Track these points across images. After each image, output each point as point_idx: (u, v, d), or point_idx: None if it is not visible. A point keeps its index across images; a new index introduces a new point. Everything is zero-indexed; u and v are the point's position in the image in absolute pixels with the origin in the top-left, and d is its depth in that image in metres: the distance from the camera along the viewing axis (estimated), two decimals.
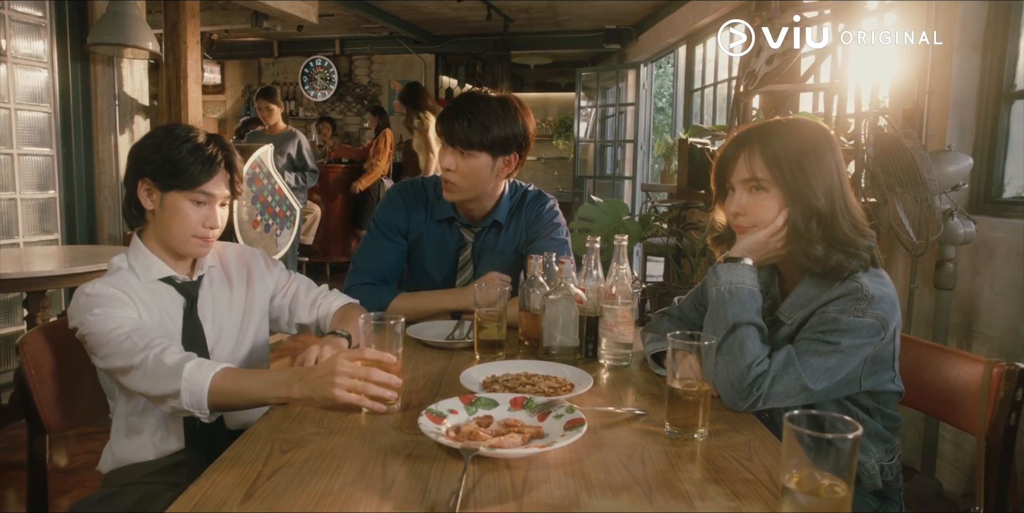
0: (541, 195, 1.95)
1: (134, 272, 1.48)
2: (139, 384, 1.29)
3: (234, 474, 0.93)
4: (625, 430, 1.12)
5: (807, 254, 1.23)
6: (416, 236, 1.85)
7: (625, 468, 0.97)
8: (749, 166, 1.27)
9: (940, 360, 1.45)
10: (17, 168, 3.47)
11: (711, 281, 1.28)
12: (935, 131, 2.77)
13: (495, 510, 0.85)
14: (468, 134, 1.66)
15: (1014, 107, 2.60)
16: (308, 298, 1.69)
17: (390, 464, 0.98)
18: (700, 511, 0.86)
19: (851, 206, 1.26)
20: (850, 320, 1.18)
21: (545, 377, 1.32)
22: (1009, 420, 1.29)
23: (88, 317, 1.34)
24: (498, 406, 1.14)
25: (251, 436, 1.07)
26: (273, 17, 5.76)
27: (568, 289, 1.47)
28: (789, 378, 1.17)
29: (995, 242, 2.43)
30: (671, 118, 7.49)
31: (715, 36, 5.77)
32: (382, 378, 1.15)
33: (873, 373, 1.28)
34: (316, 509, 0.84)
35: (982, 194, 2.67)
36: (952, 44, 2.68)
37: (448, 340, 1.62)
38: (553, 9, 7.10)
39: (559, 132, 10.21)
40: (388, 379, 1.16)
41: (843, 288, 1.22)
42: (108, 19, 3.39)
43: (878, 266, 1.28)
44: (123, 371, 1.31)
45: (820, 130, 1.28)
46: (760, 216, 1.26)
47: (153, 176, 1.43)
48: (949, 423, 1.43)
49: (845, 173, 1.28)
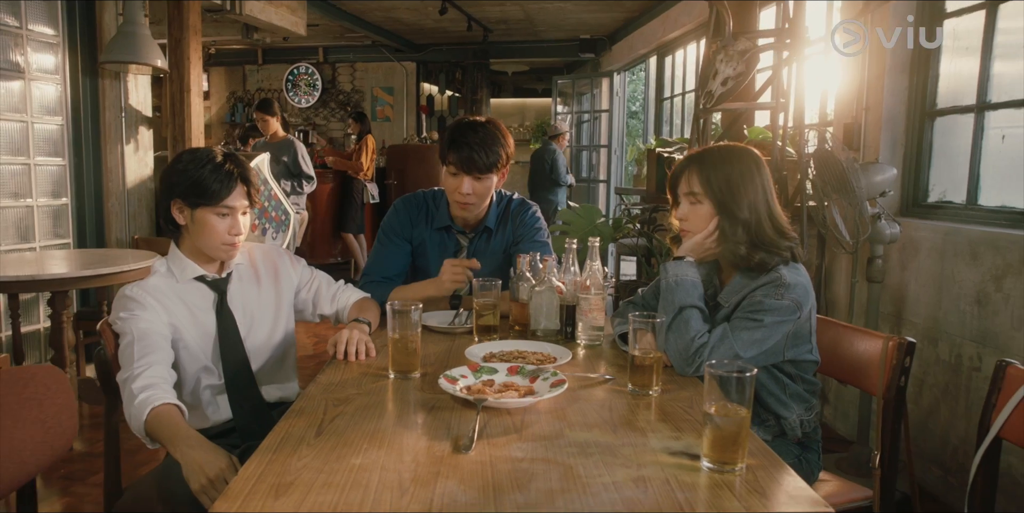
0: (524, 202, 2.26)
1: (172, 274, 1.76)
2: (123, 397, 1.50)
3: (303, 420, 1.24)
4: (597, 390, 1.44)
5: (734, 253, 1.57)
6: (419, 242, 2.16)
7: (596, 413, 1.30)
8: (689, 183, 1.61)
9: (852, 337, 1.80)
10: (34, 177, 3.72)
11: (662, 274, 1.62)
12: (871, 143, 3.13)
13: (502, 440, 1.16)
14: (485, 162, 1.97)
15: (936, 123, 2.97)
16: (329, 292, 1.99)
17: (419, 413, 1.30)
18: (650, 439, 1.18)
19: (775, 215, 1.60)
20: (772, 302, 1.52)
21: (533, 353, 1.63)
22: (900, 382, 1.63)
23: (116, 318, 1.63)
24: (498, 373, 1.45)
25: (307, 397, 1.37)
26: (263, 30, 6.02)
27: (550, 282, 1.79)
28: (724, 348, 1.50)
29: (919, 241, 2.80)
30: (644, 123, 7.86)
31: (683, 48, 6.14)
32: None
33: (794, 345, 1.61)
34: (370, 442, 1.15)
35: (910, 199, 3.04)
36: (884, 67, 3.05)
37: (450, 326, 1.93)
38: (530, 20, 7.43)
39: (536, 137, 10.53)
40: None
41: (767, 278, 1.55)
42: (120, 39, 3.66)
43: (797, 261, 1.62)
44: (119, 377, 1.54)
45: (749, 155, 1.62)
46: (697, 223, 1.60)
47: (183, 196, 1.70)
48: (856, 386, 1.78)
49: (770, 188, 1.61)
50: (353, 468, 1.04)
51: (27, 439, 1.28)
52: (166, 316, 1.68)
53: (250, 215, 1.82)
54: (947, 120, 2.93)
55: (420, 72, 9.13)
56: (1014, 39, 2.59)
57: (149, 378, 1.51)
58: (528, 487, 0.99)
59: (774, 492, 1.00)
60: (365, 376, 1.51)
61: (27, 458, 1.28)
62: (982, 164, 2.72)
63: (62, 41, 3.83)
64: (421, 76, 9.16)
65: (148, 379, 1.50)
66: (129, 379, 1.51)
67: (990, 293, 2.42)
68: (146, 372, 1.52)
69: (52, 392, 1.36)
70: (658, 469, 1.06)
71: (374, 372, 1.54)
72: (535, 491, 0.98)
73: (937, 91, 2.96)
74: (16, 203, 3.64)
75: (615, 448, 1.13)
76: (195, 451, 1.34)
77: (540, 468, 1.05)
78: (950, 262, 2.61)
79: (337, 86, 9.22)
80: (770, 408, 1.65)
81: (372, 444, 1.14)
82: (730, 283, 1.64)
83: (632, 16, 6.94)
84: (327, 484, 0.99)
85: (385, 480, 1.00)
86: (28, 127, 3.67)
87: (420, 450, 1.12)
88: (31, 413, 1.31)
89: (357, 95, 9.18)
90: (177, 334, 1.69)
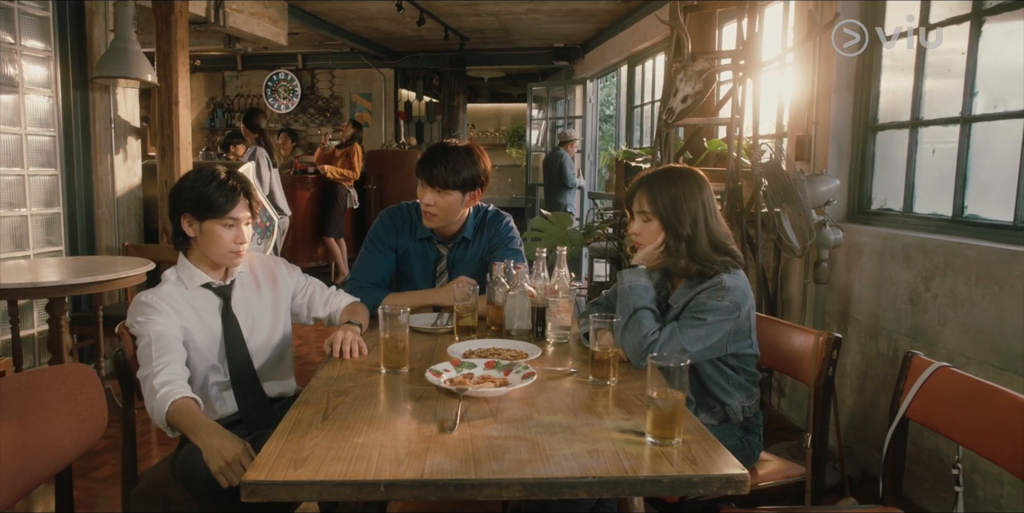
0: (499, 214, 2.47)
1: (181, 282, 1.96)
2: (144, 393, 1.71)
3: (310, 409, 1.44)
4: (562, 381, 1.66)
5: (675, 265, 1.81)
6: (403, 251, 2.36)
7: (561, 400, 1.51)
8: (640, 203, 1.84)
9: (789, 333, 2.04)
10: (27, 187, 3.86)
11: (619, 280, 1.84)
12: (820, 154, 3.39)
13: (480, 422, 1.38)
14: (444, 178, 2.18)
15: (878, 137, 3.23)
16: (323, 297, 2.19)
17: (409, 401, 1.51)
18: (605, 420, 1.40)
19: (713, 232, 1.83)
20: (713, 303, 1.75)
21: (507, 349, 1.85)
22: (828, 372, 1.87)
23: (134, 322, 1.82)
24: (476, 367, 1.67)
25: (311, 389, 1.57)
26: (245, 40, 6.17)
27: (523, 287, 2.01)
28: (672, 344, 1.72)
29: (862, 245, 3.05)
30: (616, 128, 8.11)
31: (652, 59, 6.39)
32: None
33: (735, 341, 1.84)
34: (369, 425, 1.36)
35: (855, 206, 3.31)
36: (831, 84, 3.31)
37: (433, 327, 2.14)
38: (505, 30, 7.65)
39: (512, 141, 10.75)
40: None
41: (710, 282, 1.79)
42: (112, 54, 3.81)
43: (738, 269, 1.85)
44: (140, 375, 1.74)
45: (692, 176, 1.85)
46: (648, 237, 1.83)
47: (192, 211, 1.90)
48: (793, 376, 2.01)
49: (712, 205, 1.85)
50: (356, 445, 1.25)
51: (65, 429, 1.47)
52: (178, 320, 1.87)
53: (251, 225, 2.02)
54: (887, 134, 3.20)
55: (398, 78, 9.32)
56: (943, 60, 2.85)
57: (168, 375, 1.70)
58: (502, 458, 1.21)
59: (703, 460, 1.22)
60: (360, 371, 1.71)
61: (66, 445, 1.47)
62: (916, 175, 2.99)
63: (54, 55, 3.97)
64: (399, 82, 9.34)
65: (167, 376, 1.70)
66: (150, 376, 1.70)
67: (921, 293, 2.68)
68: (165, 370, 1.71)
69: (85, 388, 1.55)
70: (610, 443, 1.28)
71: (367, 368, 1.75)
72: (508, 461, 1.19)
73: (878, 107, 3.23)
74: (11, 212, 3.78)
75: (575, 427, 1.35)
76: (214, 438, 1.54)
77: (512, 444, 1.27)
78: (888, 265, 2.87)
79: (316, 92, 9.37)
80: (716, 396, 1.89)
81: (371, 427, 1.35)
82: (679, 288, 1.87)
83: (603, 27, 7.20)
84: (336, 458, 1.19)
85: (384, 454, 1.21)
86: (22, 139, 3.81)
87: (412, 431, 1.33)
88: (68, 406, 1.49)
89: (336, 101, 9.34)
90: (187, 336, 1.88)
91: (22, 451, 1.33)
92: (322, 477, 1.13)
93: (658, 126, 3.38)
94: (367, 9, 6.33)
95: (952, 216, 2.74)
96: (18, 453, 1.32)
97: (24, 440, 1.34)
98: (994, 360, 2.34)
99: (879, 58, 3.20)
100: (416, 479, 1.12)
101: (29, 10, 3.82)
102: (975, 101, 2.67)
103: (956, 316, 2.51)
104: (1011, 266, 2.28)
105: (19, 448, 1.33)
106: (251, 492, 1.10)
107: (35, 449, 1.37)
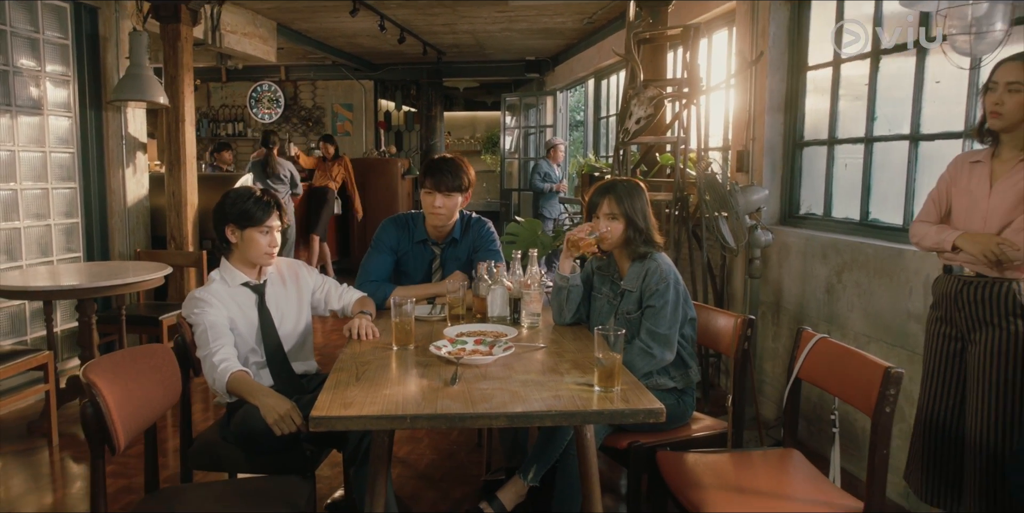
0: (480, 219, 2.96)
1: (224, 281, 2.41)
2: (204, 368, 2.19)
3: (345, 373, 1.92)
4: (535, 353, 2.15)
5: (633, 250, 2.33)
6: (403, 252, 2.84)
7: (533, 366, 2.00)
8: (608, 206, 2.34)
9: (717, 317, 2.54)
10: (51, 200, 4.27)
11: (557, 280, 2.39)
12: (757, 167, 3.92)
13: (473, 380, 1.86)
14: (450, 183, 2.67)
15: (804, 152, 3.77)
16: (336, 293, 2.65)
17: (417, 367, 1.99)
18: (565, 377, 1.89)
19: (651, 225, 2.35)
20: (659, 286, 2.26)
21: (491, 331, 2.33)
22: (744, 346, 2.38)
23: (191, 313, 2.28)
24: (468, 343, 2.15)
25: (341, 362, 2.04)
26: (237, 57, 6.59)
27: (502, 283, 2.50)
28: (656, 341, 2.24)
29: (790, 245, 3.59)
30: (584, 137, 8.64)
31: (617, 74, 6.92)
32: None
33: (685, 301, 2.35)
34: (392, 383, 1.83)
35: (786, 212, 3.84)
36: (764, 106, 3.84)
37: (429, 315, 2.62)
38: (480, 45, 8.14)
39: (487, 147, 11.22)
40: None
41: (651, 266, 2.30)
42: (128, 80, 4.23)
43: (661, 252, 2.37)
44: (200, 354, 2.21)
45: (639, 187, 2.38)
46: (615, 233, 2.34)
47: (235, 221, 2.37)
48: (719, 352, 2.52)
49: (649, 207, 2.37)
50: (385, 395, 1.73)
51: (154, 392, 1.93)
52: (225, 311, 2.33)
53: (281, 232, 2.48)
54: (811, 150, 3.74)
55: (378, 89, 9.76)
56: (855, 87, 3.39)
57: (224, 354, 2.17)
58: (491, 401, 1.69)
59: (632, 400, 1.72)
60: (376, 349, 2.19)
61: (156, 405, 1.92)
62: (834, 185, 3.53)
63: (72, 78, 4.38)
64: (379, 93, 9.78)
65: (223, 354, 2.16)
66: (209, 355, 2.16)
67: (834, 284, 3.21)
68: (221, 350, 2.18)
69: (166, 363, 2.01)
70: (568, 391, 1.77)
71: (382, 346, 2.22)
72: (495, 402, 1.68)
73: (804, 126, 3.77)
74: (38, 223, 4.18)
75: (543, 382, 1.84)
76: (269, 398, 2.01)
77: (497, 392, 1.75)
78: (810, 261, 3.41)
79: (299, 102, 9.78)
80: (684, 360, 2.39)
81: (393, 384, 1.83)
82: (628, 272, 2.38)
83: (572, 43, 7.72)
84: (373, 402, 1.67)
85: (407, 399, 1.69)
86: (47, 156, 4.22)
87: (424, 385, 1.81)
88: (155, 376, 1.95)
89: (318, 111, 9.76)
90: (232, 324, 2.34)
91: (137, 402, 1.79)
92: (366, 413, 1.60)
93: (615, 144, 3.88)
94: (351, 28, 6.77)
95: (860, 220, 3.28)
96: (136, 404, 1.77)
97: (136, 395, 1.80)
98: (887, 338, 2.88)
99: (804, 83, 3.74)
100: (432, 413, 1.61)
101: (52, 39, 4.23)
102: (876, 124, 3.22)
103: (860, 303, 3.04)
104: (898, 261, 2.82)
105: (135, 400, 1.79)
106: (316, 424, 1.58)
107: (141, 402, 1.83)
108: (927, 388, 2.29)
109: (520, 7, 6.06)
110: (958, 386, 2.21)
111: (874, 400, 1.79)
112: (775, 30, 3.78)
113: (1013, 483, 1.86)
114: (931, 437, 2.26)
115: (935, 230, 2.22)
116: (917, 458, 2.32)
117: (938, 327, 2.26)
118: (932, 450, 2.26)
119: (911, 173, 2.97)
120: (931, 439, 2.26)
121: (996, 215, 2.10)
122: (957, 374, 2.21)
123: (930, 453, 2.27)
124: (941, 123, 2.87)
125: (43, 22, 4.16)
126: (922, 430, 2.30)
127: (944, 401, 2.24)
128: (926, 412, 2.28)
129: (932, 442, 2.26)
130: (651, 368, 2.29)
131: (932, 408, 2.27)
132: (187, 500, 1.92)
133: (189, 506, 1.88)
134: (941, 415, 2.24)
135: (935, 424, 2.25)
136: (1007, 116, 2.05)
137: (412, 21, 6.75)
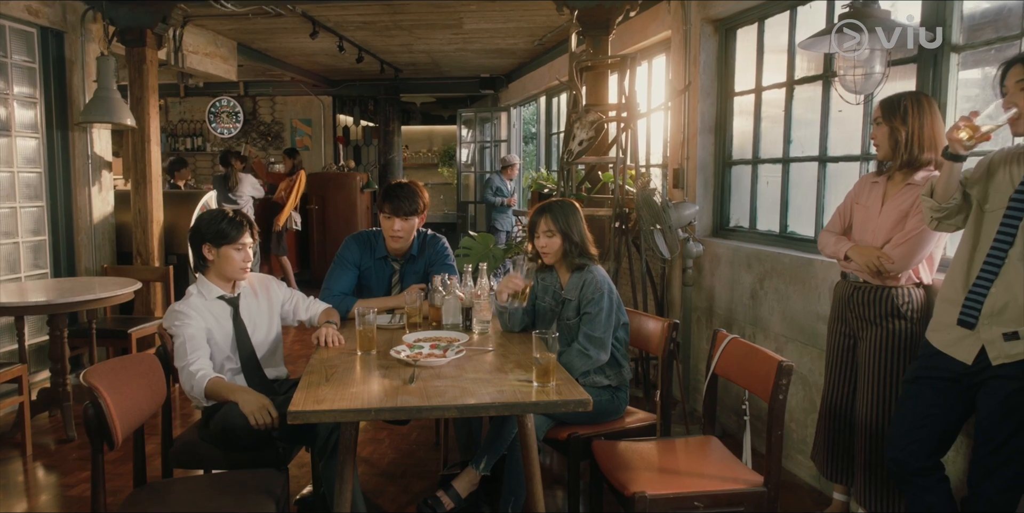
0: (436, 236, 3.23)
1: (201, 295, 2.65)
2: (182, 377, 2.42)
3: (315, 376, 2.17)
4: (485, 356, 2.43)
5: (570, 262, 2.62)
6: (365, 267, 3.10)
7: (481, 366, 2.28)
8: (546, 224, 2.64)
9: (647, 321, 2.86)
10: (19, 219, 4.41)
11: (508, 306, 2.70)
12: (691, 183, 4.27)
13: (429, 379, 2.13)
14: (407, 208, 2.94)
15: (732, 170, 4.14)
16: (304, 305, 2.90)
17: (379, 370, 2.25)
18: (509, 376, 2.17)
19: (586, 239, 2.65)
20: (594, 295, 2.55)
21: (445, 337, 2.60)
22: (669, 347, 2.69)
23: (171, 325, 2.51)
24: (424, 348, 2.42)
25: (312, 366, 2.29)
26: (198, 76, 6.75)
27: (455, 293, 2.77)
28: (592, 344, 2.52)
29: (720, 255, 3.93)
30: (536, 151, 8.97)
31: (568, 92, 7.26)
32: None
33: (619, 308, 2.64)
34: (357, 383, 2.09)
35: (717, 225, 4.20)
36: (697, 128, 4.20)
37: (389, 324, 2.88)
38: (436, 63, 8.43)
39: (443, 161, 11.48)
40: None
41: (587, 278, 2.60)
42: (96, 103, 4.41)
43: (597, 264, 2.67)
44: (178, 364, 2.44)
45: (573, 205, 2.68)
46: (553, 248, 2.64)
47: (211, 240, 2.61)
48: (647, 351, 2.83)
49: (583, 223, 2.67)
50: (352, 393, 1.99)
51: (143, 396, 2.15)
52: (203, 323, 2.56)
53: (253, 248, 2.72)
54: (739, 168, 4.10)
55: (336, 105, 9.97)
56: (773, 111, 3.76)
57: (200, 364, 2.41)
58: (444, 395, 1.97)
59: (565, 393, 2.01)
60: (342, 354, 2.45)
61: (145, 407, 2.15)
62: (758, 201, 3.90)
63: (40, 100, 4.53)
64: (337, 108, 9.99)
65: (200, 364, 2.40)
66: (187, 365, 2.40)
67: (757, 291, 3.56)
68: (197, 361, 2.42)
69: (152, 370, 2.24)
70: (511, 387, 2.05)
71: (347, 352, 2.48)
72: (447, 396, 1.96)
73: (732, 147, 4.13)
74: (6, 241, 4.32)
75: (490, 380, 2.12)
76: (246, 394, 2.26)
77: (450, 389, 2.03)
78: (737, 270, 3.75)
79: (258, 117, 9.93)
80: (618, 360, 2.68)
81: (359, 383, 2.09)
82: (568, 282, 2.68)
83: (524, 62, 8.06)
84: (342, 399, 1.93)
85: (372, 396, 1.96)
86: (15, 176, 4.37)
87: (386, 384, 2.08)
88: (144, 381, 2.18)
89: (277, 126, 9.93)
90: (209, 334, 2.57)
91: (129, 404, 2.02)
92: (336, 407, 1.86)
93: (560, 164, 4.20)
94: (310, 47, 6.99)
95: (779, 232, 3.64)
96: (128, 405, 2.01)
97: (129, 398, 2.03)
98: (801, 338, 3.23)
99: (732, 107, 4.11)
100: (393, 407, 1.88)
101: (19, 63, 4.39)
102: (791, 146, 3.59)
103: (779, 307, 3.39)
104: (810, 270, 3.17)
105: (128, 402, 2.02)
106: (293, 417, 1.83)
107: (133, 403, 2.06)
108: (828, 379, 2.64)
109: (474, 30, 6.37)
110: (851, 377, 2.56)
111: (770, 389, 2.12)
112: (705, 58, 4.14)
113: (888, 458, 2.20)
114: (831, 422, 2.61)
115: (834, 240, 2.57)
116: (821, 440, 2.66)
117: (836, 326, 2.61)
118: (832, 433, 2.61)
119: (821, 190, 3.34)
120: (831, 423, 2.61)
121: (882, 230, 2.46)
122: (850, 367, 2.56)
123: (830, 435, 2.61)
124: (844, 146, 3.24)
125: (11, 46, 4.32)
126: (824, 416, 2.65)
127: (840, 390, 2.59)
128: (827, 400, 2.63)
129: (832, 426, 2.61)
130: (588, 367, 2.58)
131: (831, 396, 2.61)
132: (174, 491, 2.14)
133: (177, 497, 2.11)
134: (838, 402, 2.59)
135: (834, 410, 2.60)
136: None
137: (370, 42, 7.01)
